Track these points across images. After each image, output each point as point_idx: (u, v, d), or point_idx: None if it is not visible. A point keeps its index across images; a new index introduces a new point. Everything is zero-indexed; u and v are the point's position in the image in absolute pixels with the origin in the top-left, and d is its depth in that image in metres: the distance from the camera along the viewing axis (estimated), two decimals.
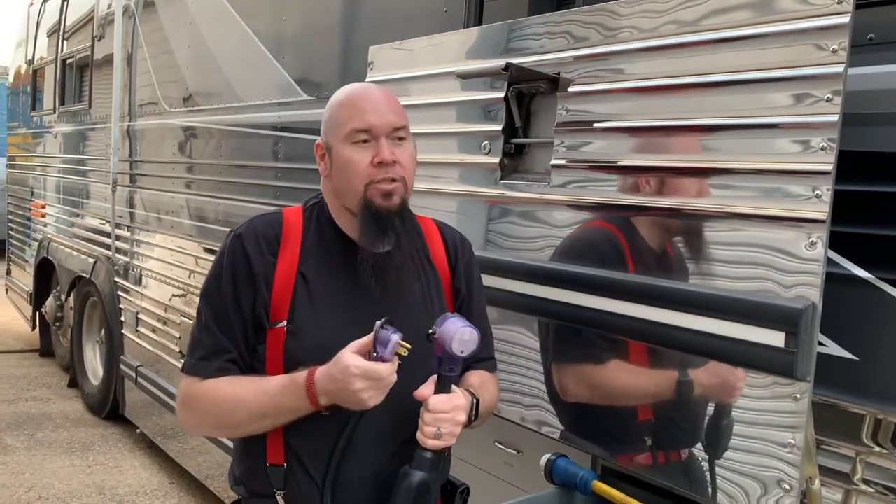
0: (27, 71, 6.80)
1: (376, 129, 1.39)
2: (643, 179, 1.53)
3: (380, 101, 1.43)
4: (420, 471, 1.32)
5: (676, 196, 1.47)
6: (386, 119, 1.40)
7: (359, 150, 1.39)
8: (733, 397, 1.38)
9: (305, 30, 3.04)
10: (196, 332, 1.44)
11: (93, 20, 5.15)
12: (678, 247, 1.51)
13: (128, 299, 4.55)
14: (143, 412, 4.43)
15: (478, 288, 1.58)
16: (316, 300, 1.40)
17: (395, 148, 1.40)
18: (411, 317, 1.42)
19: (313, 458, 1.39)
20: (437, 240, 1.55)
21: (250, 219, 1.48)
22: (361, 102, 1.42)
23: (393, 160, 1.38)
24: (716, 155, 1.41)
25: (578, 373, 1.69)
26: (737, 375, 1.37)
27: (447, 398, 1.32)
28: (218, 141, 3.60)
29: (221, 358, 1.40)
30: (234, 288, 1.40)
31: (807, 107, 1.27)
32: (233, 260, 1.42)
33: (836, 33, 1.23)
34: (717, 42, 1.41)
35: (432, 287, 1.50)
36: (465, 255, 1.57)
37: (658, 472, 1.54)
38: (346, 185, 1.41)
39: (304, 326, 1.38)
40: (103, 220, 4.90)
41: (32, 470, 4.26)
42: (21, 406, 5.30)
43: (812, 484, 1.32)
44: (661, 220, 1.51)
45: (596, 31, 1.64)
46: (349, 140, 1.40)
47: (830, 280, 1.26)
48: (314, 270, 1.42)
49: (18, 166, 7.11)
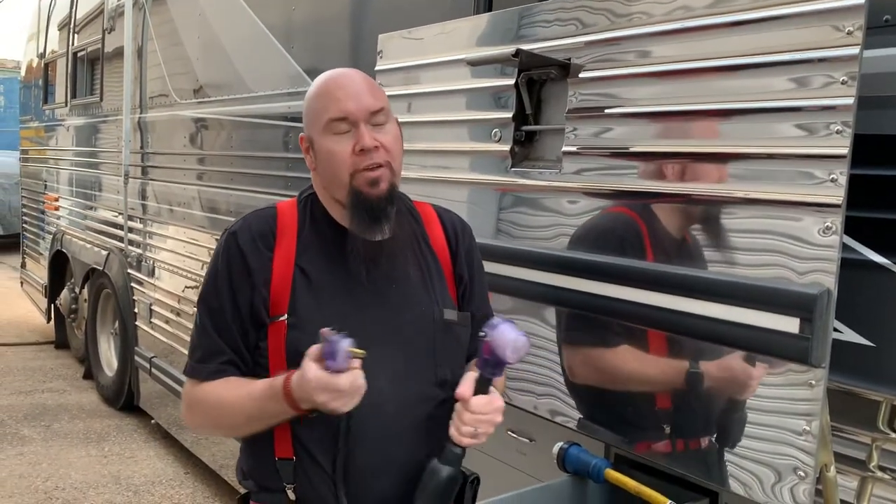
0: (39, 64, 6.83)
1: (353, 116, 1.35)
2: (656, 166, 1.52)
3: (354, 86, 1.38)
4: (450, 466, 1.32)
5: (690, 182, 1.45)
6: (362, 103, 1.36)
7: (339, 141, 1.36)
8: (747, 384, 1.37)
9: (315, 19, 3.04)
10: (194, 334, 1.44)
11: (103, 13, 5.16)
12: (691, 233, 1.50)
13: (141, 291, 4.58)
14: (158, 403, 4.46)
15: (479, 272, 1.56)
16: (316, 292, 1.39)
17: (375, 133, 1.36)
18: (414, 303, 1.42)
19: (323, 450, 1.37)
20: (435, 225, 1.52)
21: (244, 216, 1.46)
22: (335, 90, 1.38)
23: (374, 145, 1.34)
24: (729, 140, 1.39)
25: (591, 361, 1.68)
26: (751, 362, 1.36)
27: (488, 400, 1.30)
28: (229, 132, 3.60)
29: (217, 360, 1.39)
30: (231, 286, 1.39)
31: (822, 90, 1.25)
32: (228, 258, 1.40)
33: (851, 14, 1.22)
34: (730, 25, 1.39)
35: (433, 273, 1.47)
36: (466, 240, 1.54)
37: (671, 460, 1.54)
38: (332, 177, 1.39)
39: (305, 318, 1.36)
40: (116, 212, 4.92)
41: (49, 460, 4.30)
42: (37, 397, 5.36)
43: (827, 471, 1.31)
44: (674, 207, 1.50)
45: (606, 17, 1.63)
46: (328, 131, 1.37)
47: (846, 265, 1.25)
48: (312, 262, 1.40)
49: (31, 160, 7.15)
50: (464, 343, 1.48)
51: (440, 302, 1.45)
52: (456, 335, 1.46)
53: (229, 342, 1.39)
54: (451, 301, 1.48)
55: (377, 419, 1.36)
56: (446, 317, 1.44)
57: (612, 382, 1.64)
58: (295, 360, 1.35)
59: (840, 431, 1.36)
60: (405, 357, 1.39)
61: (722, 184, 1.40)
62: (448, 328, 1.44)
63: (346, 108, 1.35)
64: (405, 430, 1.39)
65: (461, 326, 1.47)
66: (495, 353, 1.26)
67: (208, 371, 1.40)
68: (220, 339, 1.39)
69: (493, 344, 1.26)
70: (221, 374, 1.39)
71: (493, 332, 1.26)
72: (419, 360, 1.41)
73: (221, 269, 1.40)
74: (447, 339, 1.44)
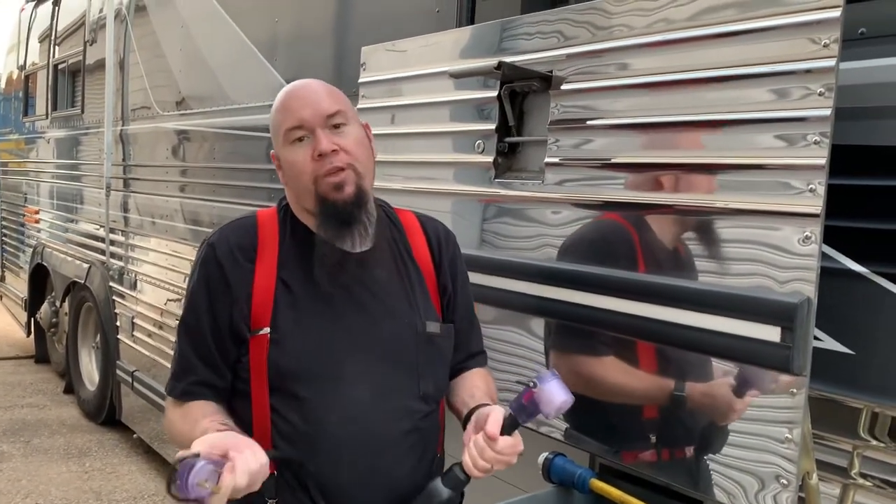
0: (19, 76, 6.79)
1: (309, 123, 1.34)
2: (637, 176, 1.53)
3: (309, 94, 1.37)
4: (452, 490, 1.32)
5: (670, 193, 1.47)
6: (317, 109, 1.34)
7: (297, 149, 1.35)
8: (730, 394, 1.38)
9: (298, 31, 3.04)
10: (174, 350, 1.43)
11: (84, 25, 5.14)
12: (671, 243, 1.51)
13: (123, 304, 4.54)
14: (140, 417, 4.42)
15: (463, 282, 1.54)
16: (297, 306, 1.36)
17: (334, 136, 1.34)
18: (395, 314, 1.40)
19: (296, 465, 1.35)
20: (418, 234, 1.50)
21: (223, 226, 1.44)
22: (290, 101, 1.38)
23: (332, 149, 1.32)
24: (708, 151, 1.41)
25: (575, 371, 1.68)
26: (733, 371, 1.37)
27: (513, 443, 1.28)
28: (211, 144, 3.59)
29: (188, 379, 1.37)
30: (209, 301, 1.36)
31: (799, 101, 1.27)
32: (206, 272, 1.38)
33: (827, 27, 1.23)
34: (709, 38, 1.41)
35: (415, 284, 1.45)
36: (450, 249, 1.52)
37: (656, 470, 1.54)
38: (298, 187, 1.37)
39: (288, 333, 1.34)
40: (97, 224, 4.88)
41: (29, 477, 4.24)
42: (17, 413, 5.28)
43: (810, 479, 1.32)
44: (654, 218, 1.51)
45: (587, 29, 1.64)
46: (287, 141, 1.36)
47: (825, 274, 1.26)
48: (292, 275, 1.37)
49: (11, 172, 7.09)
50: (447, 356, 1.48)
51: (423, 314, 1.43)
52: (439, 348, 1.45)
53: (204, 359, 1.37)
54: (434, 312, 1.46)
55: (359, 432, 1.35)
56: (429, 329, 1.42)
57: (595, 392, 1.64)
58: (277, 377, 1.33)
59: (822, 439, 1.37)
60: (387, 370, 1.38)
61: (702, 194, 1.41)
62: (431, 340, 1.43)
63: (300, 116, 1.35)
64: (388, 443, 1.38)
65: (444, 339, 1.46)
66: (537, 406, 1.25)
67: (179, 390, 1.38)
68: (195, 357, 1.37)
69: (539, 398, 1.24)
70: (191, 396, 1.37)
71: (542, 385, 1.24)
72: (401, 372, 1.39)
73: (198, 284, 1.38)
74: (430, 352, 1.43)
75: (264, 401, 1.35)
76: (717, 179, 1.39)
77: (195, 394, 1.37)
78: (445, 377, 1.49)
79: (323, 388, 1.34)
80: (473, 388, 1.48)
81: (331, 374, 1.35)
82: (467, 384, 1.50)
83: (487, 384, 1.51)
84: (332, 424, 1.34)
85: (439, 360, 1.46)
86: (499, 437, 1.26)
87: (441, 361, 1.47)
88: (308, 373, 1.34)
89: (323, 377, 1.35)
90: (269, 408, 1.35)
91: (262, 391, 1.35)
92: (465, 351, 1.53)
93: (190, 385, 1.37)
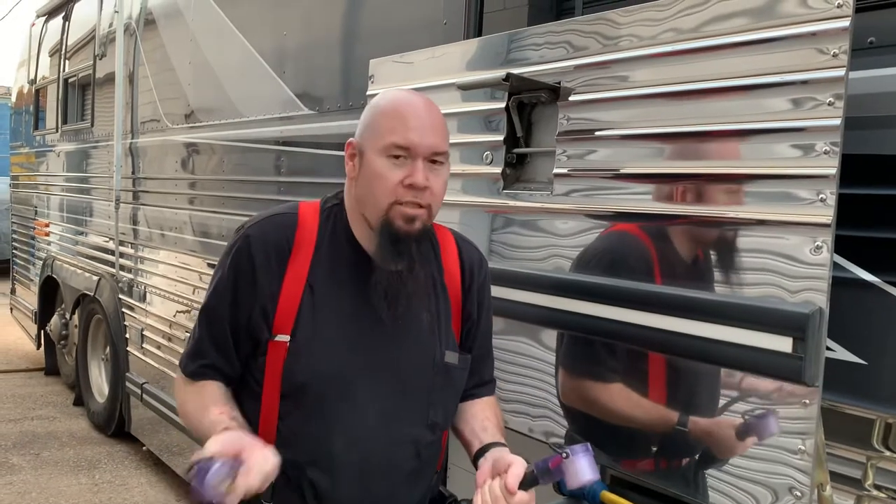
0: (30, 90, 6.84)
1: (415, 149, 1.30)
2: (646, 187, 1.53)
3: (428, 121, 1.33)
4: None
5: (679, 203, 1.47)
6: (428, 140, 1.31)
7: (391, 166, 1.30)
8: (742, 404, 1.37)
9: (306, 44, 3.06)
10: (194, 325, 1.45)
11: (94, 39, 5.18)
12: (682, 253, 1.51)
13: (132, 316, 4.55)
14: (150, 429, 4.42)
15: (487, 311, 1.53)
16: (323, 316, 1.35)
17: (429, 172, 1.31)
18: (417, 342, 1.40)
19: (301, 475, 1.36)
20: (453, 259, 1.48)
21: (263, 217, 1.41)
22: (407, 117, 1.32)
23: (425, 185, 1.30)
24: (718, 161, 1.41)
25: (585, 381, 1.68)
26: (744, 382, 1.36)
27: (528, 499, 1.27)
28: (220, 157, 3.61)
29: (200, 361, 1.41)
30: (234, 292, 1.37)
31: (809, 111, 1.27)
32: (237, 264, 1.37)
33: (836, 37, 1.24)
34: (718, 48, 1.41)
35: (441, 311, 1.44)
36: (480, 278, 1.51)
37: (667, 481, 1.53)
38: (369, 197, 1.34)
39: (307, 343, 1.34)
40: (107, 237, 4.90)
41: (39, 489, 4.24)
42: (27, 425, 5.29)
43: (823, 490, 1.31)
44: (664, 228, 1.51)
45: (595, 40, 1.64)
46: (384, 153, 1.31)
47: (837, 284, 1.26)
48: (322, 281, 1.36)
49: (22, 185, 7.13)
50: (459, 387, 1.47)
51: (443, 343, 1.42)
52: (453, 378, 1.44)
53: (218, 345, 1.39)
54: (454, 341, 1.46)
55: (361, 454, 1.35)
56: (447, 359, 1.42)
57: (608, 403, 1.63)
58: (290, 387, 1.34)
59: (835, 450, 1.36)
60: (398, 395, 1.38)
61: (711, 205, 1.41)
62: (447, 370, 1.42)
63: (412, 139, 1.30)
64: (389, 468, 1.38)
65: (460, 370, 1.45)
66: (564, 476, 1.24)
67: (190, 369, 1.42)
68: (210, 341, 1.40)
69: (567, 468, 1.24)
70: (201, 377, 1.41)
71: (573, 458, 1.24)
72: (412, 400, 1.39)
73: (227, 273, 1.38)
74: (444, 382, 1.42)
75: (274, 405, 1.36)
76: (726, 190, 1.39)
77: (205, 375, 1.41)
78: (455, 406, 1.49)
79: (332, 407, 1.35)
80: (485, 421, 1.47)
81: (342, 394, 1.35)
82: (479, 415, 1.49)
83: (497, 417, 1.51)
84: (336, 444, 1.35)
85: (452, 391, 1.46)
86: (517, 491, 1.26)
87: (453, 392, 1.47)
88: (320, 389, 1.35)
89: (334, 395, 1.35)
90: (278, 413, 1.36)
91: (274, 396, 1.36)
92: (477, 377, 1.53)
93: (201, 367, 1.41)
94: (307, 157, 2.93)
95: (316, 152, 2.89)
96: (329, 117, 2.82)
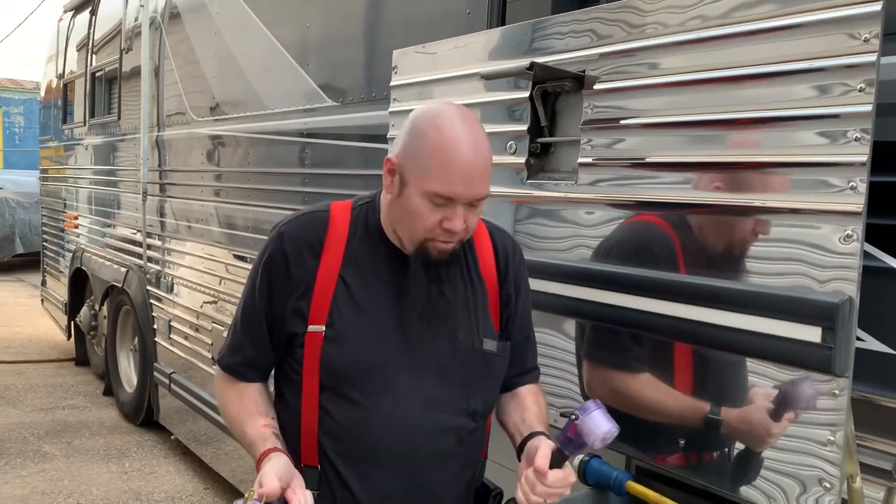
0: (58, 85, 6.93)
1: (458, 200, 1.30)
2: (672, 176, 1.51)
3: (472, 167, 1.29)
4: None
5: (707, 192, 1.45)
6: (472, 192, 1.30)
7: (432, 208, 1.30)
8: (770, 395, 1.36)
9: (329, 36, 3.06)
10: (232, 321, 1.51)
11: (120, 33, 5.23)
12: (710, 243, 1.49)
13: (160, 307, 4.61)
14: (178, 418, 4.48)
15: (525, 297, 1.53)
16: (357, 306, 1.38)
17: (468, 212, 1.32)
18: (455, 330, 1.40)
19: (346, 465, 1.38)
20: (487, 247, 1.48)
21: (297, 216, 1.46)
22: (454, 163, 1.28)
23: (462, 228, 1.32)
24: (746, 149, 1.39)
25: (611, 372, 1.67)
26: (773, 373, 1.35)
27: (564, 476, 1.28)
28: (245, 149, 3.63)
29: (237, 357, 1.47)
30: (269, 288, 1.41)
31: (839, 97, 1.25)
32: (271, 260, 1.42)
33: (867, 22, 1.21)
34: (746, 35, 1.39)
35: (478, 299, 1.45)
36: (516, 263, 1.51)
37: (694, 472, 1.53)
38: (405, 224, 1.35)
39: (343, 333, 1.37)
40: (134, 229, 4.97)
41: (71, 477, 4.33)
42: (58, 414, 5.39)
43: (853, 482, 1.29)
44: (691, 217, 1.50)
45: (620, 28, 1.63)
46: (427, 195, 1.29)
47: (867, 273, 1.24)
48: (356, 275, 1.39)
49: (51, 179, 7.24)
50: (499, 374, 1.48)
51: (481, 331, 1.43)
52: (492, 366, 1.45)
53: (255, 340, 1.44)
54: (492, 329, 1.46)
55: (404, 443, 1.37)
56: (485, 347, 1.43)
57: (634, 394, 1.62)
58: (329, 375, 1.36)
59: (865, 441, 1.34)
60: (439, 384, 1.39)
61: (739, 193, 1.39)
62: (486, 358, 1.43)
63: (456, 192, 1.29)
64: (431, 456, 1.39)
65: (499, 357, 1.46)
66: (582, 438, 1.25)
67: (229, 366, 1.48)
68: (246, 335, 1.45)
69: (582, 429, 1.24)
70: (239, 376, 1.47)
71: (584, 417, 1.24)
72: (452, 388, 1.40)
73: (263, 269, 1.43)
74: (483, 370, 1.43)
75: (314, 396, 1.39)
76: (755, 178, 1.37)
77: (244, 375, 1.47)
78: (496, 394, 1.50)
79: (372, 396, 1.37)
80: (525, 412, 1.47)
81: (381, 384, 1.37)
82: (520, 405, 1.49)
83: (539, 405, 1.51)
84: (378, 432, 1.36)
85: (492, 378, 1.46)
86: (548, 472, 1.26)
87: (493, 379, 1.47)
88: (359, 378, 1.37)
89: (373, 385, 1.37)
90: (318, 404, 1.39)
91: (313, 387, 1.39)
92: (519, 366, 1.53)
93: (239, 366, 1.47)
94: (331, 148, 2.94)
95: (340, 144, 2.90)
96: (353, 109, 2.83)
